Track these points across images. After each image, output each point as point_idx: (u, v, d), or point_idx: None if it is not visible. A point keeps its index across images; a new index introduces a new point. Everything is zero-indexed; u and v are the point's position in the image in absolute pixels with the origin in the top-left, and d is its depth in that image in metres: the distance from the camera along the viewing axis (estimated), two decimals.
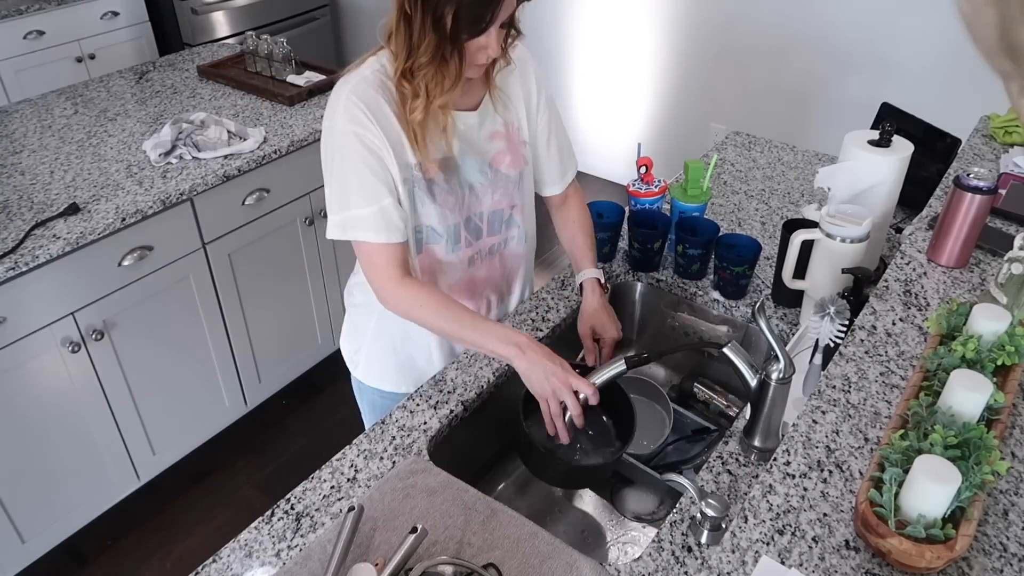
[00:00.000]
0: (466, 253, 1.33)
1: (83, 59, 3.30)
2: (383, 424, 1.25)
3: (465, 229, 1.30)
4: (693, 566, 0.99)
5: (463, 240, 1.31)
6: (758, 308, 1.09)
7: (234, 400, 2.34)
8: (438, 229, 1.26)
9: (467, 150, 1.24)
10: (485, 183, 1.28)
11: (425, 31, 1.05)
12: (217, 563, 1.04)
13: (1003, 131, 1.86)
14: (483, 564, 0.98)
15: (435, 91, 1.11)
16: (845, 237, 1.30)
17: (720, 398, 1.49)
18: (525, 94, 1.31)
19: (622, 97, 3.79)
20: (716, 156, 1.73)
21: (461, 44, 1.07)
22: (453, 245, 1.30)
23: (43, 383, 1.84)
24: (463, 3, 1.02)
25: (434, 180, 1.21)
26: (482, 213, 1.31)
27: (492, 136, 1.27)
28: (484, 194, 1.29)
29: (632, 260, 1.61)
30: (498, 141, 1.28)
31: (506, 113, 1.28)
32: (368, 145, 1.14)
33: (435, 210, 1.24)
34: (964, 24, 0.38)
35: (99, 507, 2.08)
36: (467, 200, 1.27)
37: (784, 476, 0.99)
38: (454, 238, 1.29)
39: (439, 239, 1.28)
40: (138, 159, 2.03)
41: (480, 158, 1.26)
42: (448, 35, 1.05)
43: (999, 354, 1.05)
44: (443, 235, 1.27)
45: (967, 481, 0.85)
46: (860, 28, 2.98)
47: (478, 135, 1.25)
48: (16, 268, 1.65)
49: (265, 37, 2.49)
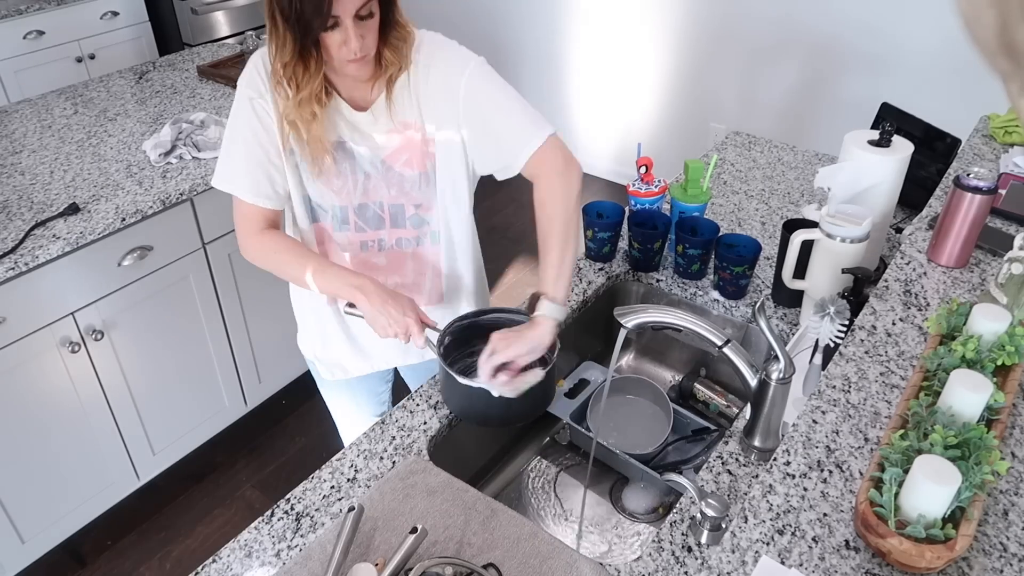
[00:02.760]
0: (356, 236, 1.33)
1: (83, 59, 3.30)
2: (383, 424, 1.25)
3: (355, 214, 1.30)
4: (693, 566, 0.99)
5: (352, 224, 1.32)
6: (758, 308, 1.09)
7: (234, 400, 2.34)
8: (323, 206, 1.30)
9: (359, 140, 1.23)
10: (377, 176, 1.27)
11: (281, 30, 1.09)
12: (217, 563, 1.04)
13: (1003, 131, 1.86)
14: (483, 564, 0.98)
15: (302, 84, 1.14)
16: (845, 237, 1.30)
17: (720, 398, 1.49)
18: (442, 90, 1.20)
19: (622, 97, 3.79)
20: (716, 156, 1.73)
21: (315, 37, 1.09)
22: (340, 225, 1.32)
23: (43, 383, 1.84)
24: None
25: (321, 159, 1.23)
26: (381, 203, 1.30)
27: (388, 132, 1.23)
28: (379, 186, 1.28)
29: (632, 260, 1.61)
30: (394, 136, 1.23)
31: (405, 113, 1.21)
32: (258, 112, 1.20)
33: (318, 189, 1.27)
34: (964, 24, 0.38)
35: (99, 507, 2.08)
36: (361, 186, 1.27)
37: (784, 476, 0.99)
38: (340, 219, 1.31)
39: (324, 215, 1.31)
40: (138, 159, 2.03)
41: (371, 151, 1.24)
42: (299, 28, 1.07)
43: (999, 354, 1.05)
44: (328, 212, 1.30)
45: (967, 481, 0.85)
46: (860, 28, 2.98)
47: (371, 131, 1.23)
48: (16, 268, 1.65)
49: (265, 37, 2.48)
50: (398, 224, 1.33)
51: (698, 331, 1.09)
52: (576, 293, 1.54)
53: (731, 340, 1.10)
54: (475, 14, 4.02)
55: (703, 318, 1.11)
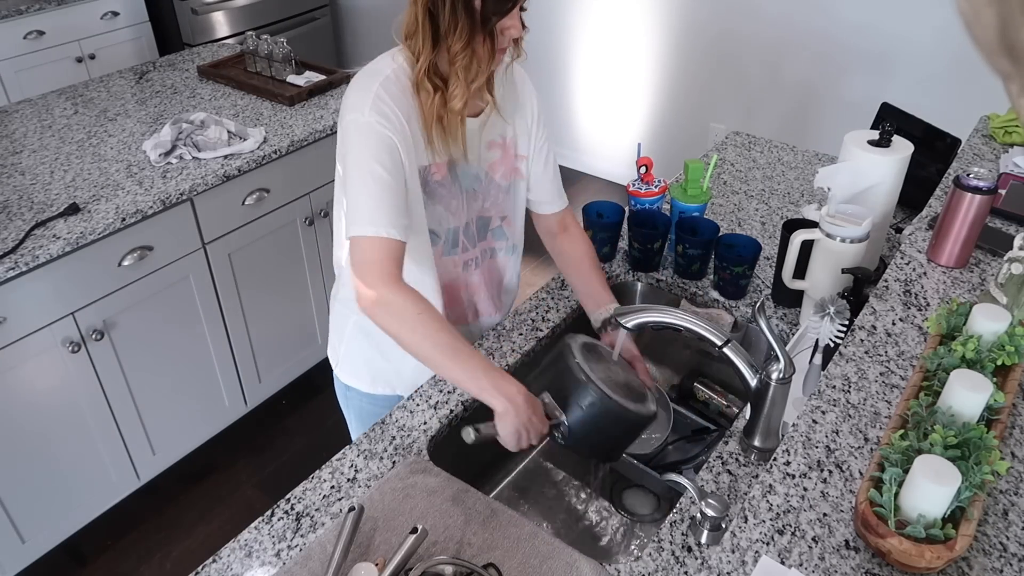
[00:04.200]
0: (462, 257, 1.33)
1: (83, 59, 3.30)
2: (383, 424, 1.25)
3: (463, 234, 1.30)
4: (693, 566, 0.99)
5: (461, 244, 1.31)
6: (758, 308, 1.09)
7: (234, 400, 2.34)
8: (438, 231, 1.27)
9: (468, 155, 1.24)
10: (478, 190, 1.28)
11: (456, 18, 1.06)
12: (217, 563, 1.04)
13: (1003, 131, 1.86)
14: (483, 564, 0.98)
15: (471, 75, 1.12)
16: (845, 237, 1.30)
17: (720, 398, 1.49)
18: (523, 110, 1.31)
19: (622, 97, 3.79)
20: (716, 156, 1.73)
21: (492, 27, 1.08)
22: (450, 248, 1.30)
23: (43, 383, 1.84)
24: None
25: (441, 183, 1.22)
26: (476, 219, 1.32)
27: (490, 145, 1.27)
28: (477, 199, 1.29)
29: (632, 260, 1.61)
30: (495, 150, 1.28)
31: (503, 124, 1.28)
32: (387, 142, 1.11)
33: (437, 212, 1.24)
34: (964, 24, 0.38)
35: (99, 507, 2.08)
36: (466, 204, 1.28)
37: (784, 476, 0.99)
38: (452, 241, 1.29)
39: (437, 241, 1.28)
40: (138, 159, 2.03)
41: (478, 164, 1.27)
42: (479, 18, 1.06)
43: (999, 354, 1.05)
44: (441, 237, 1.28)
45: (967, 481, 0.85)
46: (860, 28, 2.98)
47: (478, 141, 1.25)
48: (16, 268, 1.65)
49: (265, 37, 2.49)
50: (483, 237, 1.35)
51: (698, 331, 1.09)
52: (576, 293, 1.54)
53: (731, 340, 1.10)
54: None
55: (703, 318, 1.11)
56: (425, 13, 1.08)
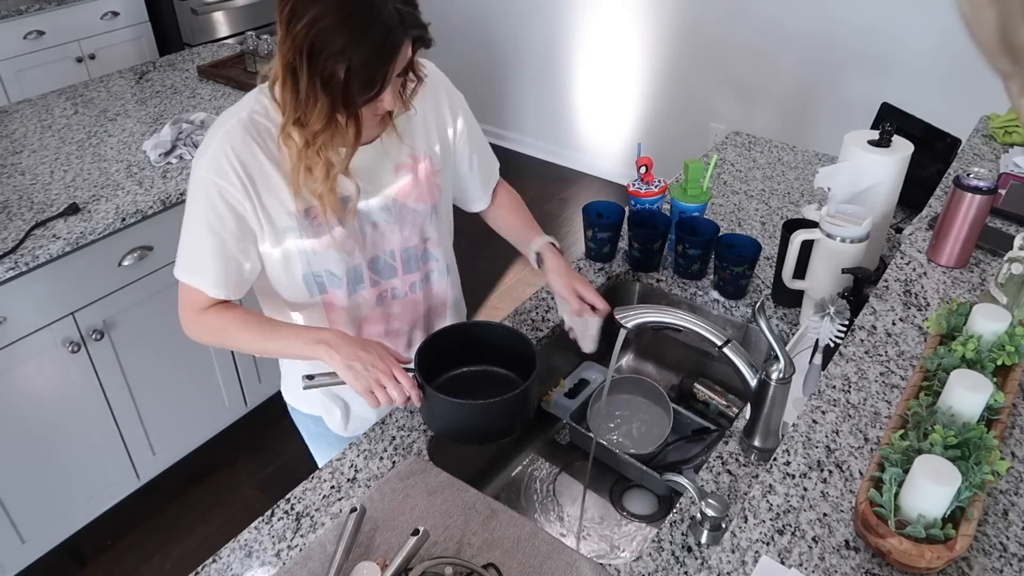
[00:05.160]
0: (372, 293, 1.25)
1: (83, 59, 3.30)
2: (383, 424, 1.25)
3: (370, 270, 1.22)
4: (693, 566, 0.99)
5: (367, 280, 1.23)
6: (758, 308, 1.09)
7: (234, 400, 2.34)
8: (336, 272, 1.19)
9: (367, 188, 1.15)
10: (390, 220, 1.19)
11: (315, 94, 0.96)
12: (217, 563, 1.04)
13: (1003, 131, 1.86)
14: (483, 564, 0.98)
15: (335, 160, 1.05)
16: (845, 237, 1.30)
17: (720, 398, 1.49)
18: (439, 121, 1.23)
19: (622, 97, 3.79)
20: (716, 156, 1.73)
21: (356, 109, 0.99)
22: (354, 287, 1.22)
23: (43, 383, 1.84)
24: (352, 65, 0.93)
25: (327, 223, 1.13)
26: (393, 251, 1.23)
27: (396, 168, 1.18)
28: (391, 232, 1.21)
29: (632, 260, 1.61)
30: (404, 172, 1.19)
31: (413, 143, 1.19)
32: (225, 198, 1.07)
33: (329, 255, 1.16)
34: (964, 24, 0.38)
35: (99, 507, 2.08)
36: (370, 240, 1.19)
37: (784, 476, 0.99)
38: (354, 280, 1.21)
39: (338, 283, 1.20)
40: (138, 159, 2.03)
41: (382, 195, 1.17)
42: (341, 100, 0.97)
43: (999, 354, 1.05)
44: (342, 278, 1.19)
45: (967, 481, 0.85)
46: (860, 28, 2.98)
47: (380, 168, 1.16)
48: (16, 268, 1.65)
49: (265, 37, 2.49)
50: (410, 269, 1.27)
51: (698, 331, 1.09)
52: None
53: (731, 340, 1.10)
54: (475, 14, 4.02)
55: (703, 318, 1.11)
56: (288, 72, 0.97)
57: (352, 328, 1.27)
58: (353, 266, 1.20)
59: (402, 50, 0.98)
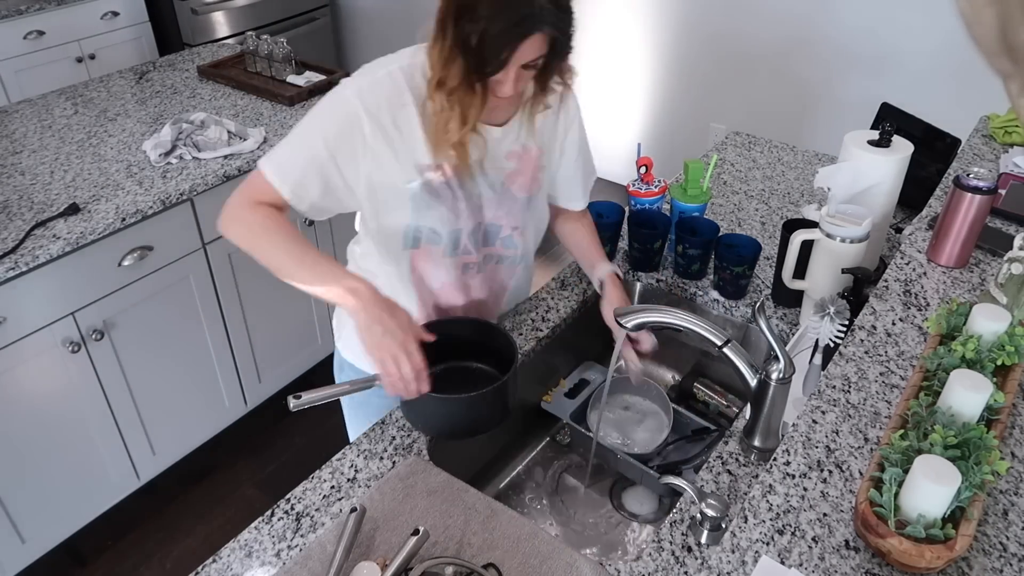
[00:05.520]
0: (463, 259, 1.30)
1: (83, 59, 3.30)
2: (383, 424, 1.25)
3: (467, 237, 1.27)
4: (693, 566, 0.99)
5: (463, 246, 1.28)
6: (758, 308, 1.09)
7: (234, 400, 2.34)
8: (440, 231, 1.24)
9: (484, 163, 1.21)
10: (492, 197, 1.26)
11: (456, 54, 1.04)
12: (217, 563, 1.04)
13: (1003, 131, 1.86)
14: (483, 564, 0.98)
15: (469, 115, 1.10)
16: (845, 237, 1.30)
17: (720, 398, 1.49)
18: (560, 121, 1.30)
19: (622, 97, 3.79)
20: (716, 156, 1.73)
21: (485, 78, 1.06)
22: (452, 249, 1.27)
23: (43, 383, 1.84)
24: (486, 34, 1.00)
25: (447, 183, 1.19)
26: (485, 224, 1.29)
27: (508, 155, 1.24)
28: (488, 207, 1.27)
29: (632, 260, 1.61)
30: (512, 161, 1.25)
31: (530, 138, 1.25)
32: (354, 124, 1.12)
33: (440, 213, 1.21)
34: (964, 24, 0.38)
35: (99, 507, 2.08)
36: (475, 208, 1.25)
37: (784, 476, 0.99)
38: (453, 243, 1.26)
39: (439, 241, 1.25)
40: (138, 159, 2.03)
41: (494, 173, 1.24)
42: (474, 64, 1.04)
43: (999, 354, 1.05)
44: (443, 237, 1.25)
45: (967, 481, 0.85)
46: (860, 28, 2.98)
47: (497, 150, 1.22)
48: (16, 268, 1.65)
49: (265, 37, 2.49)
50: (490, 242, 1.32)
51: (698, 331, 1.09)
52: (576, 293, 1.54)
53: (731, 340, 1.10)
54: None
55: (703, 318, 1.11)
56: (439, 28, 1.05)
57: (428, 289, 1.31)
58: (456, 228, 1.24)
59: (533, 39, 1.02)
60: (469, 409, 1.17)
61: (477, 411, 1.18)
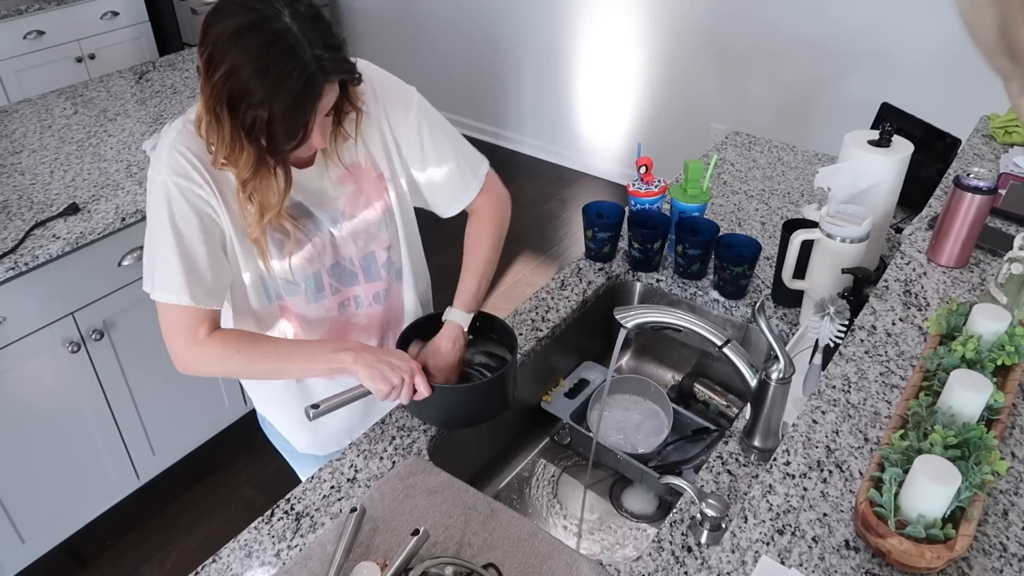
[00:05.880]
0: (333, 301, 1.22)
1: (83, 59, 3.30)
2: (383, 424, 1.25)
3: (329, 276, 1.19)
4: (693, 566, 0.99)
5: (327, 287, 1.20)
6: (758, 308, 1.09)
7: (234, 400, 2.33)
8: (294, 279, 1.16)
9: (314, 202, 1.13)
10: (344, 233, 1.17)
11: (241, 142, 0.96)
12: (217, 563, 1.04)
13: (1003, 131, 1.86)
14: (483, 564, 0.98)
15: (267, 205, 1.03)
16: (845, 237, 1.30)
17: (720, 398, 1.49)
18: (382, 134, 1.18)
19: (622, 97, 3.79)
20: (716, 156, 1.73)
21: (284, 156, 0.99)
22: (315, 295, 1.19)
23: (43, 383, 1.84)
24: (274, 115, 0.92)
25: (283, 228, 1.10)
26: (351, 258, 1.21)
27: (340, 179, 1.15)
28: (345, 243, 1.18)
29: (632, 260, 1.61)
30: (347, 183, 1.15)
31: (353, 156, 1.15)
32: (191, 201, 1.03)
33: (287, 261, 1.13)
34: (964, 24, 0.38)
35: (99, 507, 2.08)
36: (328, 246, 1.17)
37: (784, 476, 0.99)
38: (315, 287, 1.18)
39: (296, 289, 1.17)
40: (138, 159, 2.03)
41: (330, 208, 1.15)
42: (267, 148, 0.97)
43: (999, 354, 1.05)
44: (300, 284, 1.17)
45: (967, 481, 0.85)
46: (860, 28, 2.98)
47: (321, 185, 1.13)
48: (16, 268, 1.65)
49: None
50: (371, 277, 1.24)
51: (698, 331, 1.09)
52: (576, 293, 1.54)
53: (731, 340, 1.10)
54: (475, 14, 4.02)
55: (703, 318, 1.11)
56: (212, 116, 0.96)
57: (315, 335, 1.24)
58: (312, 272, 1.17)
59: (325, 96, 0.96)
60: (474, 399, 1.20)
61: (481, 400, 1.20)
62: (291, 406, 1.33)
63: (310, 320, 1.22)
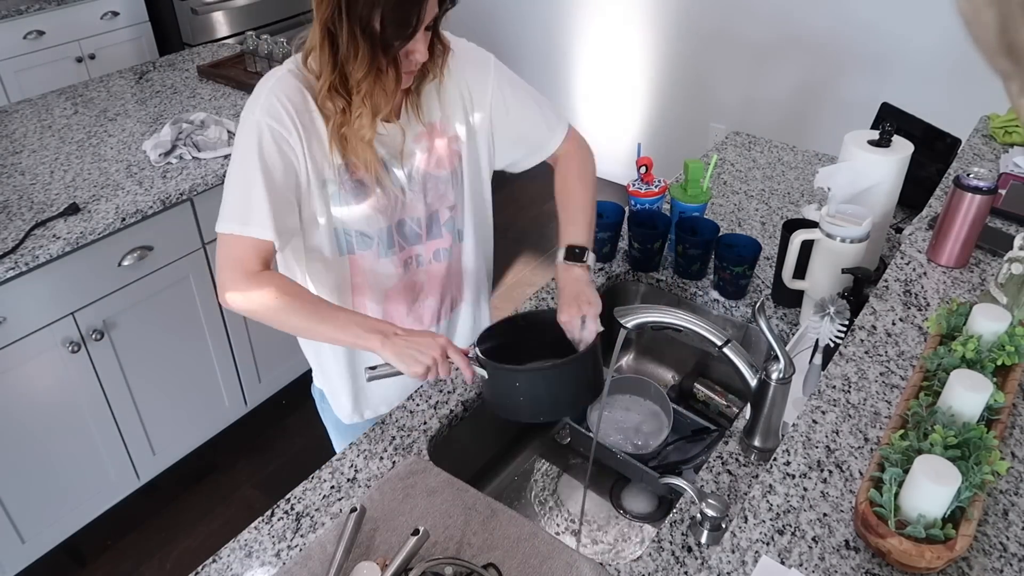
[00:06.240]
0: (400, 257, 1.27)
1: (83, 59, 3.30)
2: (383, 424, 1.25)
3: (397, 233, 1.24)
4: (693, 566, 0.99)
5: (396, 244, 1.25)
6: (758, 308, 1.09)
7: (234, 400, 2.34)
8: (368, 232, 1.21)
9: (391, 158, 1.19)
10: (415, 189, 1.23)
11: (356, 44, 1.02)
12: (217, 563, 1.04)
13: (1003, 131, 1.86)
14: (483, 564, 0.98)
15: (376, 103, 1.08)
16: (845, 237, 1.30)
17: (720, 398, 1.49)
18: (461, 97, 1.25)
19: (622, 97, 3.79)
20: (716, 156, 1.73)
21: (394, 52, 1.04)
22: (385, 250, 1.24)
23: (43, 383, 1.84)
24: (387, 6, 0.99)
25: (362, 181, 1.17)
26: (418, 218, 1.25)
27: (416, 138, 1.21)
28: (415, 200, 1.23)
29: (632, 260, 1.61)
30: (423, 141, 1.22)
31: (430, 116, 1.22)
32: (279, 143, 1.09)
33: (362, 213, 1.19)
34: (964, 24, 0.38)
35: (99, 507, 2.08)
36: (399, 204, 1.22)
37: (784, 476, 0.99)
38: (386, 243, 1.24)
39: (368, 243, 1.22)
40: (138, 159, 2.03)
41: (406, 165, 1.21)
42: (380, 44, 1.02)
43: (999, 354, 1.05)
44: (373, 238, 1.22)
45: (967, 481, 0.85)
46: (860, 28, 2.98)
47: (402, 142, 1.19)
48: (16, 268, 1.65)
49: (265, 37, 2.49)
50: (433, 235, 1.29)
51: (698, 331, 1.09)
52: None
53: (731, 340, 1.10)
54: (475, 13, 4.02)
55: (703, 318, 1.11)
56: (325, 33, 1.04)
57: (378, 292, 1.29)
58: (384, 227, 1.22)
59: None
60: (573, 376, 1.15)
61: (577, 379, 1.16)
62: (342, 373, 1.39)
63: (378, 275, 1.26)
